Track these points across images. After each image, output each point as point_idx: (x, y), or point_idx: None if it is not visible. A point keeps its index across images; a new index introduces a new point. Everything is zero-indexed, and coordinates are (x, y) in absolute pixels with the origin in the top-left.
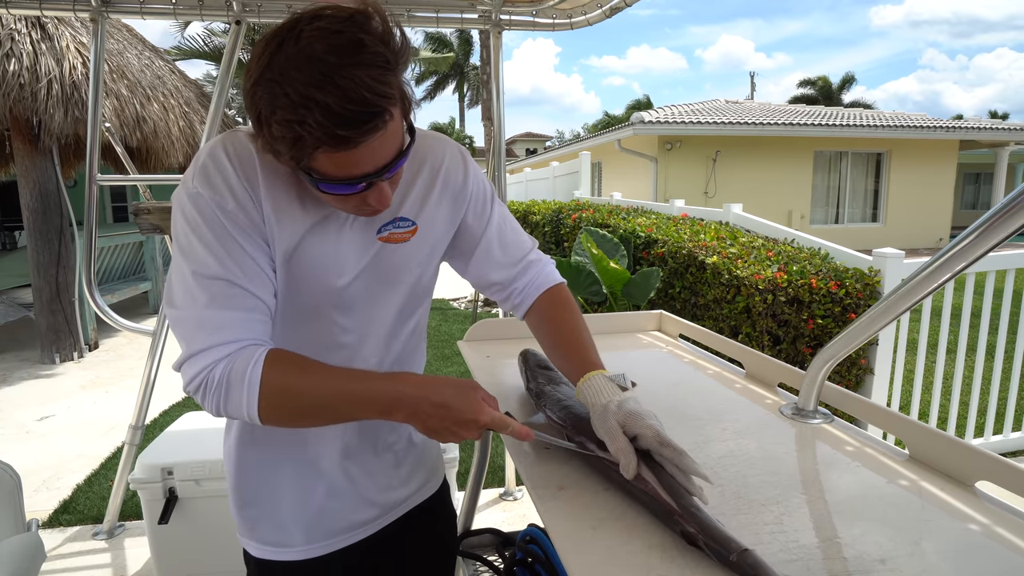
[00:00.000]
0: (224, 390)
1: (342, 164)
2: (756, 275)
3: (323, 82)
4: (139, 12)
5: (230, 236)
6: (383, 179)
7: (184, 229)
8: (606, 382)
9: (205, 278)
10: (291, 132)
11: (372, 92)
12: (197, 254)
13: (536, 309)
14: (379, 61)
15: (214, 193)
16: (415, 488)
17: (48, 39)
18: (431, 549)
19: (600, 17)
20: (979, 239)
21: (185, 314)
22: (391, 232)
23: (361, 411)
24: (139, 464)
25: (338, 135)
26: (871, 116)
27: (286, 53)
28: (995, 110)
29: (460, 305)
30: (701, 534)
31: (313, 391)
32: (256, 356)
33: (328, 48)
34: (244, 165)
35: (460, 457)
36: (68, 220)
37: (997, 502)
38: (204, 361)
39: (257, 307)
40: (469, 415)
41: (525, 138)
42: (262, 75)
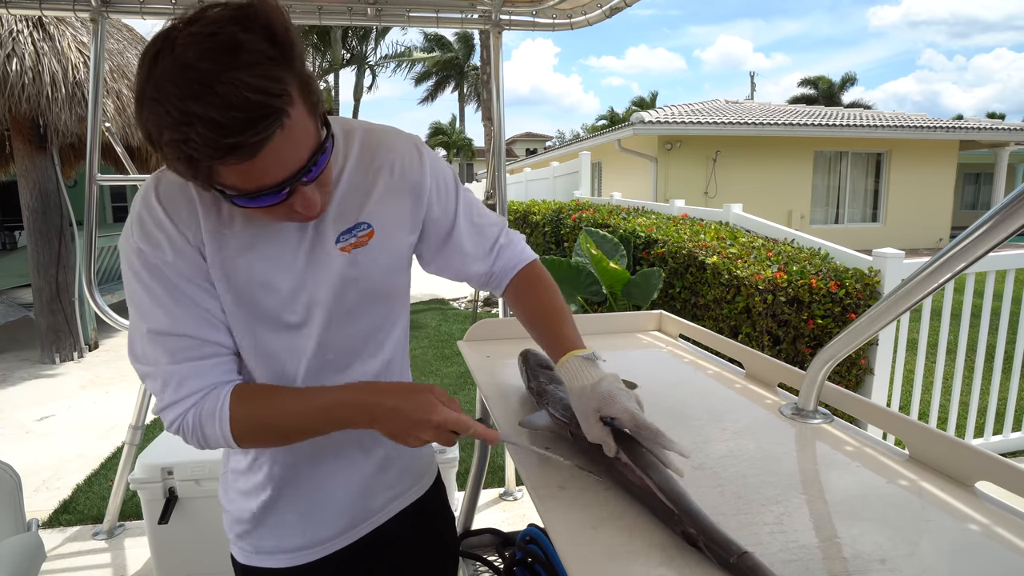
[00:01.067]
0: (200, 432)
1: (250, 176)
2: (756, 275)
3: (201, 92)
4: (139, 12)
5: (176, 288)
6: (305, 182)
7: (133, 284)
8: (580, 363)
9: (160, 335)
10: (181, 152)
11: (258, 92)
12: (148, 311)
13: (512, 287)
14: (262, 58)
15: (152, 247)
16: (405, 488)
17: (49, 39)
18: (428, 548)
19: (600, 17)
20: (979, 239)
21: (150, 370)
22: (349, 241)
23: (326, 425)
24: (139, 464)
25: (226, 145)
26: (871, 116)
27: (162, 66)
28: (994, 110)
29: (460, 305)
30: (701, 535)
31: (278, 417)
32: (222, 397)
33: (202, 54)
34: (177, 209)
35: (460, 457)
36: (68, 220)
37: (997, 502)
38: (175, 412)
39: (214, 352)
40: (419, 416)
41: (525, 138)
42: (143, 93)
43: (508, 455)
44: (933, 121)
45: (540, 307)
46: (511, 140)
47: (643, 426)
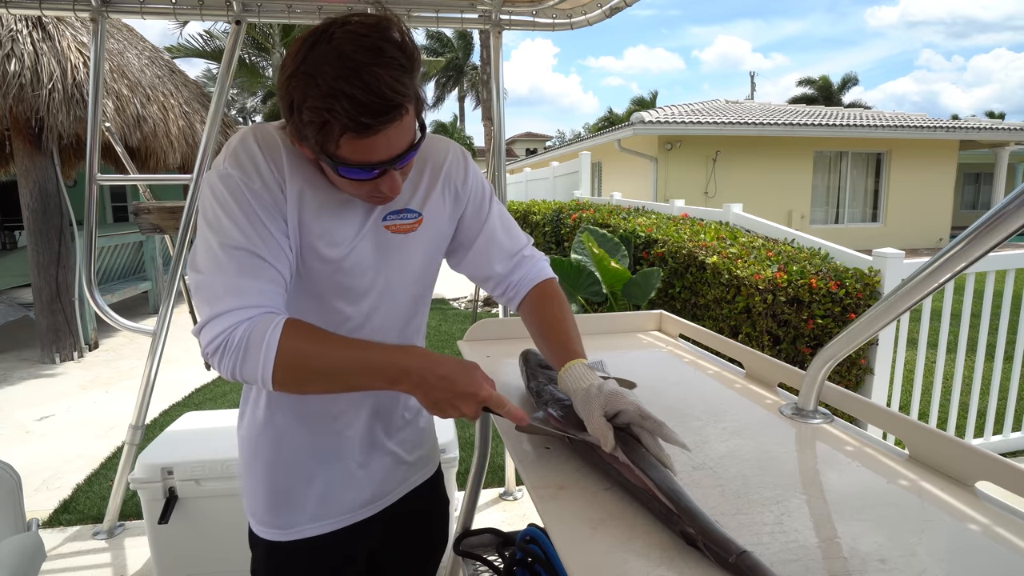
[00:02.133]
0: (243, 351)
1: (361, 151)
2: (756, 275)
3: (350, 76)
4: (139, 12)
5: (255, 213)
6: (396, 168)
7: (213, 205)
8: (585, 369)
9: (232, 248)
10: (320, 118)
11: (391, 89)
12: (224, 227)
13: (527, 301)
14: (397, 63)
15: (243, 174)
16: (413, 473)
17: (49, 39)
18: (423, 537)
19: (600, 17)
20: (979, 239)
21: (211, 280)
22: (397, 222)
23: (370, 379)
24: (139, 464)
25: (362, 122)
26: (871, 116)
27: (319, 51)
28: (993, 110)
29: (460, 305)
30: (700, 535)
31: (326, 357)
32: (276, 322)
33: (356, 48)
34: (271, 151)
35: (460, 457)
36: (68, 220)
37: (997, 502)
38: (227, 322)
39: (276, 279)
40: (469, 388)
41: (525, 138)
42: (297, 68)
43: (508, 455)
44: (933, 121)
45: (554, 321)
46: (511, 140)
47: (647, 417)
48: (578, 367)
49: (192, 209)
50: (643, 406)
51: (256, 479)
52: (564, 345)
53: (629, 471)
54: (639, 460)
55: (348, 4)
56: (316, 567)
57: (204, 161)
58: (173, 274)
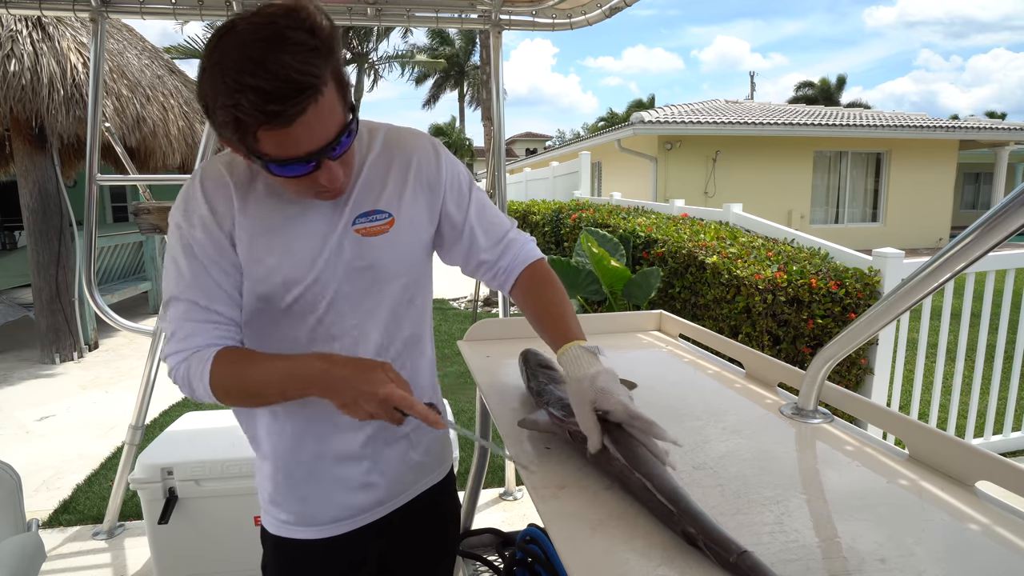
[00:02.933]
0: (188, 383)
1: (284, 143)
2: (756, 275)
3: (254, 68)
4: (139, 12)
5: (198, 262)
6: (331, 157)
7: (168, 253)
8: (582, 352)
9: (175, 299)
10: (231, 115)
11: (298, 72)
12: (171, 278)
13: (519, 285)
14: (305, 47)
15: (188, 225)
16: (424, 475)
17: (48, 39)
18: (434, 540)
19: (600, 17)
20: (979, 239)
21: (164, 325)
22: (367, 225)
23: (288, 389)
24: (139, 464)
25: (269, 110)
26: (871, 116)
27: (223, 46)
28: (992, 110)
29: (460, 305)
30: (701, 535)
31: (249, 376)
32: (208, 355)
33: (258, 38)
34: (216, 193)
35: (460, 457)
36: (68, 220)
37: (997, 502)
38: (174, 360)
39: (216, 319)
40: (366, 387)
41: (525, 138)
42: (206, 66)
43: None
44: (933, 121)
45: (547, 303)
46: (511, 140)
47: (636, 416)
48: (575, 349)
49: None
50: (633, 405)
51: (265, 476)
52: (560, 327)
53: (628, 471)
54: (636, 461)
55: (347, 4)
56: (325, 566)
57: (204, 161)
58: None
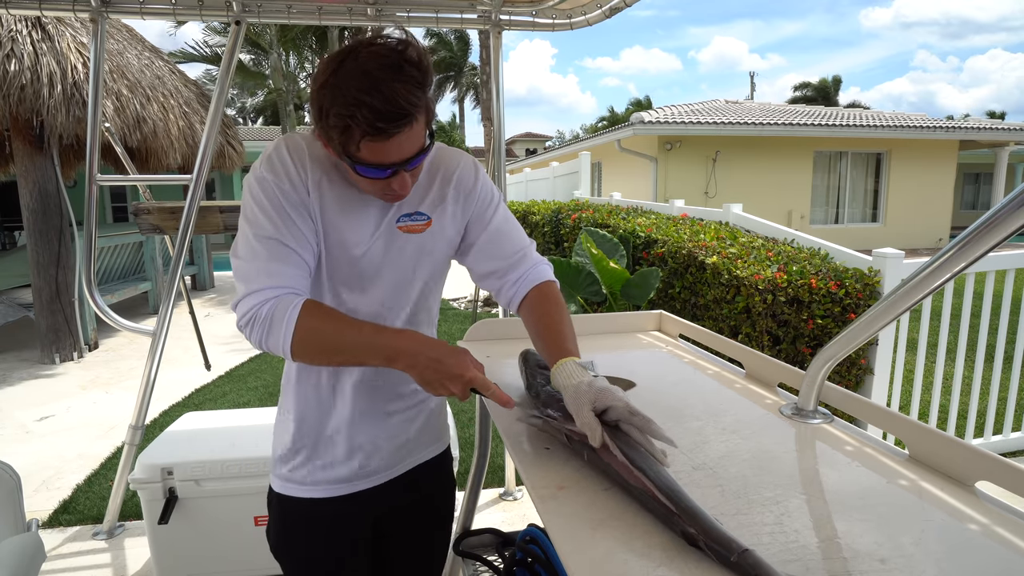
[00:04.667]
0: (268, 325)
1: (377, 153)
2: (756, 275)
3: (371, 89)
4: (139, 12)
5: (284, 210)
6: (407, 169)
7: (250, 203)
8: (576, 367)
9: (264, 238)
10: (343, 123)
11: (405, 100)
12: (259, 221)
13: (527, 302)
14: (413, 80)
15: (275, 177)
16: (422, 447)
17: (48, 39)
18: (427, 513)
19: (600, 17)
20: (979, 239)
21: (246, 264)
22: (408, 223)
23: (370, 356)
24: (139, 464)
25: (378, 127)
26: (871, 116)
27: (347, 67)
28: (992, 110)
29: (460, 305)
30: (701, 535)
31: (334, 335)
32: (296, 302)
33: (379, 66)
34: (300, 160)
35: (460, 457)
36: (68, 220)
37: (997, 502)
38: (257, 299)
39: (300, 264)
40: (457, 370)
41: (525, 138)
42: (327, 80)
43: (508, 455)
44: (933, 121)
45: (549, 321)
46: (511, 140)
47: (635, 413)
48: (569, 364)
49: (191, 209)
50: (632, 403)
51: (282, 431)
52: (558, 343)
53: (628, 472)
54: (636, 459)
55: (347, 4)
56: (323, 525)
57: (204, 161)
58: (173, 274)
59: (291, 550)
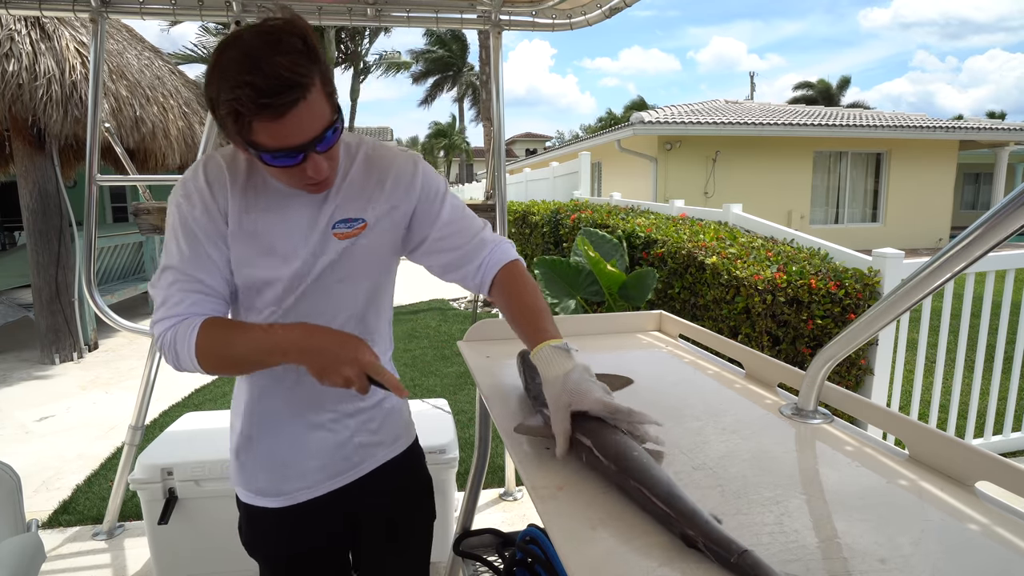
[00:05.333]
0: (174, 349)
1: (276, 135)
2: (756, 275)
3: (252, 68)
4: (139, 12)
5: (195, 237)
6: (317, 151)
7: (168, 230)
8: (553, 352)
9: (171, 268)
10: (231, 108)
11: (289, 71)
12: (170, 248)
13: (496, 285)
14: (295, 51)
15: (189, 205)
16: (386, 445)
17: (47, 39)
18: (404, 501)
19: (600, 17)
20: (979, 239)
21: (155, 292)
22: (344, 231)
23: (268, 357)
24: (139, 464)
25: (263, 103)
26: (871, 116)
27: (228, 54)
28: (991, 110)
29: (460, 305)
30: (700, 537)
31: (229, 345)
32: (195, 323)
33: (258, 44)
34: (218, 181)
35: (460, 457)
36: (68, 220)
37: (997, 502)
38: (162, 326)
39: (205, 291)
40: (348, 353)
41: (525, 138)
42: (212, 72)
43: (508, 455)
44: (933, 121)
45: (522, 303)
46: (511, 140)
47: (615, 410)
48: (546, 351)
49: None
50: (609, 400)
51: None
52: (533, 324)
53: (624, 480)
54: (628, 467)
55: (347, 4)
56: (293, 527)
57: None
58: None
59: (264, 547)
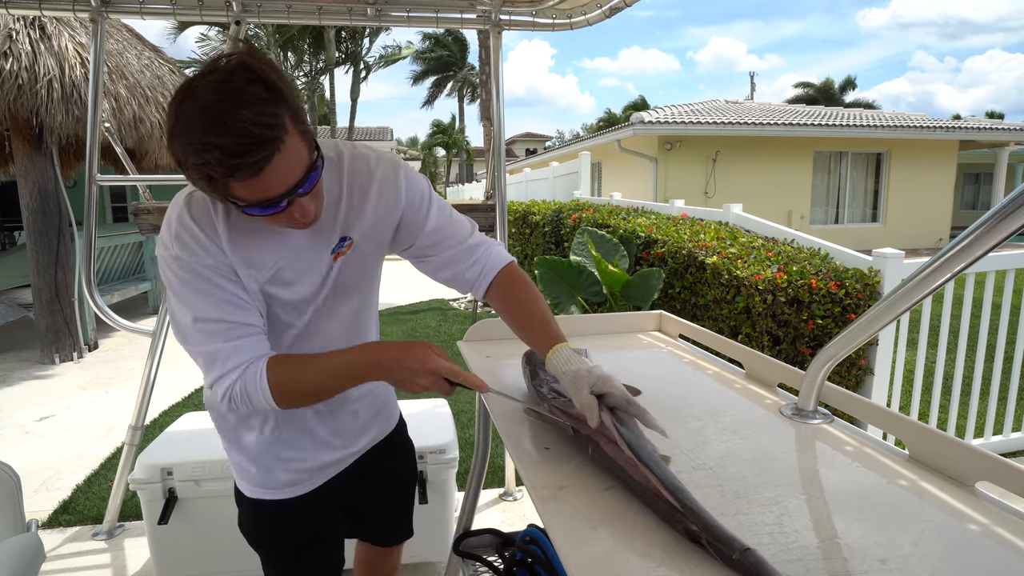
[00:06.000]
0: (248, 399)
1: (255, 189)
2: (756, 275)
3: (216, 127)
4: (139, 12)
5: (211, 282)
6: (300, 195)
7: (177, 285)
8: (572, 353)
9: (204, 321)
10: (202, 173)
11: (258, 126)
12: (193, 303)
13: (494, 289)
14: (259, 100)
15: (189, 254)
16: (373, 433)
17: (47, 39)
18: (393, 475)
19: (600, 17)
20: (979, 239)
21: (199, 351)
22: (339, 251)
23: (344, 382)
24: (139, 464)
25: (234, 165)
26: (871, 116)
27: (186, 108)
28: (991, 110)
29: (460, 305)
30: (704, 533)
31: (307, 379)
32: (260, 367)
33: (216, 98)
34: (207, 223)
35: (460, 457)
36: (68, 220)
37: (997, 502)
38: (224, 384)
39: (250, 332)
40: (417, 364)
41: (525, 138)
42: (173, 130)
43: (508, 455)
44: (933, 121)
45: (527, 308)
46: (511, 140)
47: (632, 403)
48: (566, 350)
49: None
50: (628, 393)
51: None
52: (545, 331)
53: (633, 467)
54: (641, 453)
55: (347, 4)
56: (295, 521)
57: None
58: None
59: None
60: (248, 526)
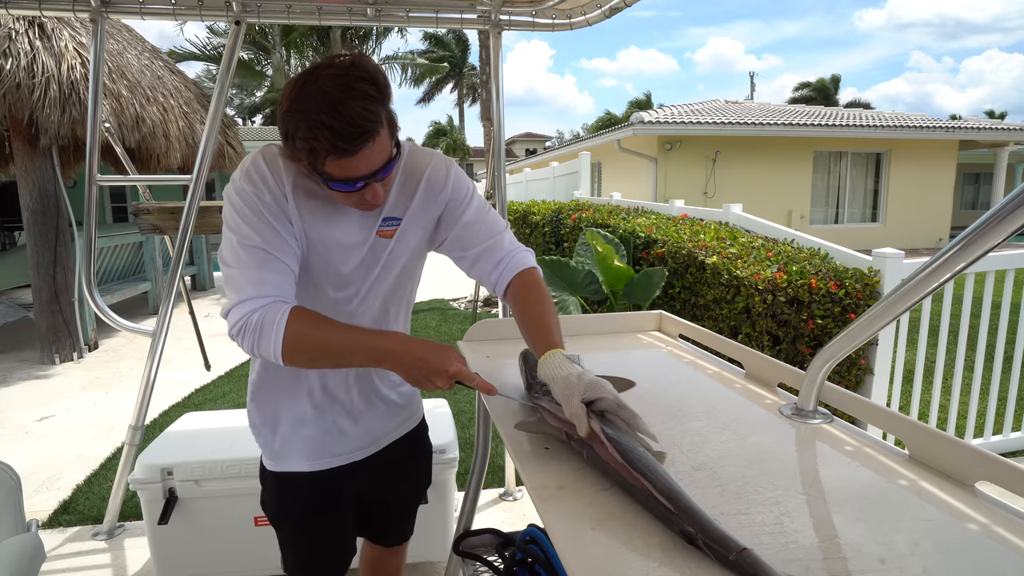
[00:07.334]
0: (259, 332)
1: (344, 168)
2: (756, 275)
3: (330, 110)
4: (139, 12)
5: (266, 219)
6: (376, 180)
7: (232, 214)
8: (563, 359)
9: (250, 247)
10: (308, 145)
11: (362, 118)
12: (243, 230)
13: (512, 289)
14: (368, 97)
15: (254, 188)
16: (396, 427)
17: (46, 38)
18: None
19: (600, 17)
20: (979, 239)
21: (234, 272)
22: (385, 229)
23: (358, 358)
24: (139, 464)
25: (339, 146)
26: (870, 116)
27: (308, 90)
28: (990, 110)
29: (460, 305)
30: (700, 534)
31: (322, 340)
32: (284, 309)
33: (335, 86)
34: (276, 170)
35: (460, 457)
36: (68, 220)
37: (997, 502)
38: (247, 308)
39: (286, 272)
40: (440, 366)
41: (525, 138)
42: (291, 105)
43: (508, 455)
44: (933, 121)
45: (535, 312)
46: (510, 140)
47: (623, 407)
48: (556, 356)
49: (191, 210)
50: (619, 397)
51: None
52: (544, 335)
53: (627, 472)
54: (634, 458)
55: (347, 4)
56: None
57: (204, 161)
58: (173, 275)
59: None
60: (270, 504)
